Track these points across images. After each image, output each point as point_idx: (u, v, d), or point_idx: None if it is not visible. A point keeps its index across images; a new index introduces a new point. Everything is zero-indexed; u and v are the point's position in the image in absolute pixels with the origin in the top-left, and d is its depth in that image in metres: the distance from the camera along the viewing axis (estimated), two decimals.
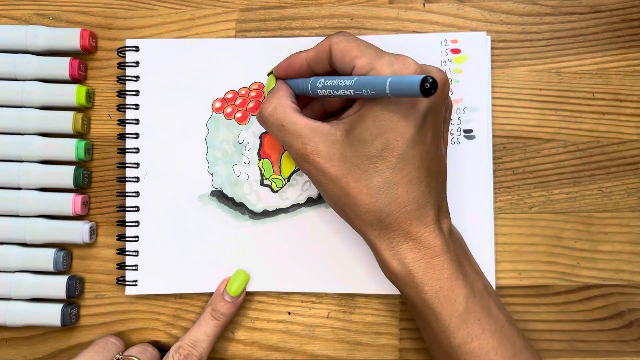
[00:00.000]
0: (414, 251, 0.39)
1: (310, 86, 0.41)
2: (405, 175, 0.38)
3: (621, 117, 0.48)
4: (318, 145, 0.39)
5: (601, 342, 0.47)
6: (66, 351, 0.48)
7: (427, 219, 0.39)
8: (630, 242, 0.47)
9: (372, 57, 0.38)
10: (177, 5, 0.49)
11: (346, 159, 0.38)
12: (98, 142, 0.48)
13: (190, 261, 0.47)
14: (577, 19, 0.48)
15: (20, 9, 0.49)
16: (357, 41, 0.39)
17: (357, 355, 0.48)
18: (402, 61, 0.37)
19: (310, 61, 0.42)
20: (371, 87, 0.36)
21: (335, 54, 0.40)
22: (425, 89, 0.33)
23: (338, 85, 0.38)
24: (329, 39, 0.40)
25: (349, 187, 0.39)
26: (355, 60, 0.38)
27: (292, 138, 0.40)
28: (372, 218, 0.39)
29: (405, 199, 0.38)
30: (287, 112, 0.40)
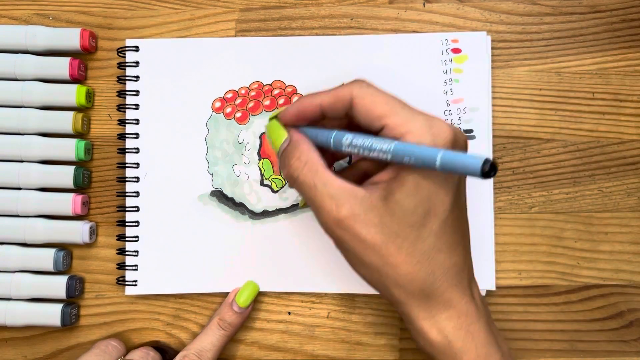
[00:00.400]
0: (453, 319, 0.37)
1: (334, 142, 0.38)
2: (446, 241, 0.36)
3: (621, 117, 0.48)
4: (355, 209, 0.36)
5: (601, 342, 0.47)
6: (66, 351, 0.48)
7: (464, 284, 0.37)
8: (630, 242, 0.48)
9: (405, 116, 0.35)
10: (177, 5, 0.49)
11: (385, 226, 0.36)
12: (98, 142, 0.48)
13: (190, 261, 0.47)
14: (577, 19, 0.48)
15: (20, 9, 0.49)
16: (384, 95, 0.37)
17: (357, 355, 0.48)
18: (438, 125, 0.35)
19: (325, 108, 0.38)
20: (416, 159, 0.34)
21: (358, 108, 0.37)
22: (485, 172, 0.31)
23: (372, 148, 0.35)
24: (350, 88, 0.37)
25: (390, 256, 0.36)
26: (386, 119, 0.36)
27: (325, 199, 0.36)
28: (415, 287, 0.36)
29: (447, 265, 0.36)
30: (319, 171, 0.37)
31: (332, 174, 0.37)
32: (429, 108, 0.46)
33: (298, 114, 0.39)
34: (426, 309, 0.37)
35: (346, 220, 0.36)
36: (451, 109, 0.47)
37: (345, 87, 0.38)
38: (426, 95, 0.47)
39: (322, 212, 0.37)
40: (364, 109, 0.36)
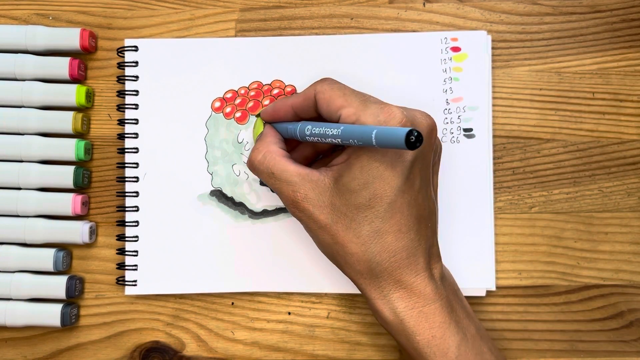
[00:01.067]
0: (405, 300, 0.38)
1: (299, 132, 0.41)
2: (394, 224, 0.38)
3: (621, 117, 0.48)
4: (308, 193, 0.39)
5: (601, 342, 0.47)
6: (66, 351, 0.48)
7: (418, 266, 0.39)
8: (630, 242, 0.47)
9: (357, 107, 0.38)
10: (177, 5, 0.49)
11: (335, 207, 0.38)
12: (98, 142, 0.48)
13: (190, 261, 0.47)
14: (577, 19, 0.48)
15: (20, 9, 0.49)
16: (342, 89, 0.40)
17: (357, 355, 0.47)
18: (388, 112, 0.37)
19: (296, 108, 0.42)
20: (358, 137, 0.36)
21: (320, 103, 0.40)
22: (410, 142, 0.33)
23: (325, 134, 0.38)
24: (314, 87, 0.41)
25: (339, 236, 0.39)
26: (341, 110, 0.38)
27: (282, 185, 0.40)
28: (363, 267, 0.39)
29: (394, 248, 0.38)
30: (277, 160, 0.40)
31: (290, 162, 0.40)
32: (428, 107, 0.47)
33: (273, 114, 0.44)
34: (377, 289, 0.39)
35: (301, 203, 0.39)
36: (450, 107, 0.47)
37: (311, 86, 0.41)
38: (426, 94, 0.47)
39: (282, 196, 0.40)
40: (324, 102, 0.40)
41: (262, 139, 0.43)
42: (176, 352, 0.47)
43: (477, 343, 0.39)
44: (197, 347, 0.47)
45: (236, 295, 0.48)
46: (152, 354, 0.47)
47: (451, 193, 0.47)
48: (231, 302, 0.48)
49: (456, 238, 0.47)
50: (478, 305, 0.47)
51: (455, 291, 0.41)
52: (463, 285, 0.46)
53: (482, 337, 0.40)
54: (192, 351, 0.47)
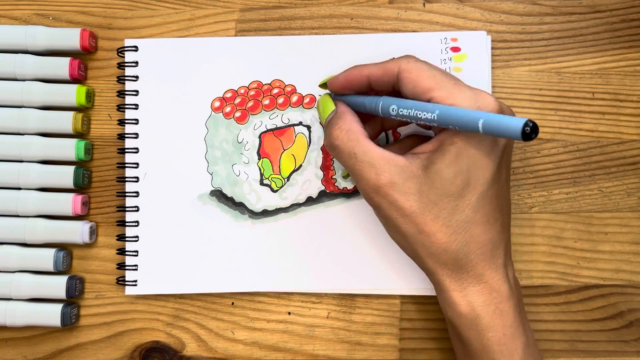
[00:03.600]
0: (485, 294, 0.37)
1: (382, 109, 0.39)
2: (484, 214, 0.37)
3: (621, 117, 0.48)
4: (394, 177, 0.37)
5: (601, 342, 0.47)
6: (66, 351, 0.48)
7: (499, 261, 0.38)
8: (630, 242, 0.47)
9: (451, 91, 0.36)
10: (177, 5, 0.49)
11: (423, 195, 0.37)
12: (98, 142, 0.48)
13: (190, 261, 0.47)
14: (577, 19, 0.48)
15: (20, 9, 0.49)
16: (430, 69, 0.38)
17: (357, 355, 0.47)
18: (483, 98, 0.36)
19: (372, 80, 0.40)
20: (460, 124, 0.34)
21: (405, 82, 0.38)
22: (526, 133, 0.31)
23: (418, 117, 0.36)
24: (398, 62, 0.38)
25: (425, 224, 0.37)
26: (432, 92, 0.37)
27: (364, 167, 0.38)
28: (448, 258, 0.37)
29: (483, 240, 0.37)
30: (360, 140, 0.38)
31: (374, 144, 0.38)
32: None
33: (346, 83, 0.41)
34: (458, 280, 0.38)
35: (385, 188, 0.37)
36: None
37: (394, 61, 0.39)
38: None
39: (361, 180, 0.38)
40: (411, 82, 0.37)
41: (341, 116, 0.40)
42: (176, 352, 0.48)
43: (536, 349, 0.39)
44: (197, 347, 0.48)
45: (236, 295, 0.48)
46: (152, 354, 0.48)
47: None
48: (231, 302, 0.48)
49: None
50: None
51: (521, 295, 0.40)
52: None
53: (535, 345, 0.40)
54: (192, 351, 0.48)
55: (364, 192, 0.39)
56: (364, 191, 0.39)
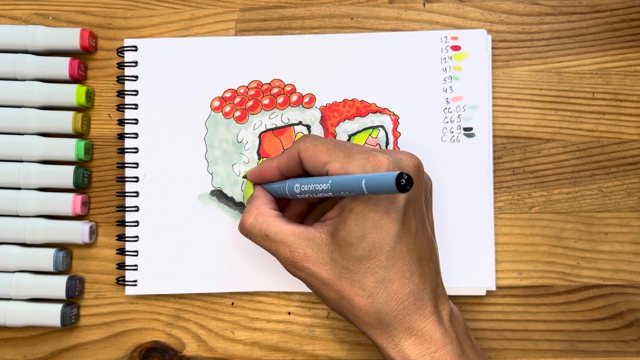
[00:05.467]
0: (417, 347, 0.37)
1: (288, 191, 0.41)
2: (397, 271, 0.37)
3: (621, 117, 0.48)
4: (306, 251, 0.38)
5: (601, 342, 0.47)
6: (66, 351, 0.48)
7: (426, 310, 0.38)
8: (630, 242, 0.47)
9: (343, 159, 0.37)
10: (177, 5, 0.49)
11: (335, 262, 0.38)
12: (98, 142, 0.48)
13: (190, 261, 0.47)
14: (577, 19, 0.48)
15: (20, 9, 0.49)
16: (324, 144, 0.39)
17: (357, 355, 0.47)
18: (373, 160, 0.36)
19: (281, 168, 0.42)
20: (349, 189, 0.35)
21: (305, 160, 0.39)
22: (401, 185, 0.32)
23: (315, 190, 0.38)
24: (297, 145, 0.40)
25: (344, 290, 0.38)
26: (327, 165, 0.38)
27: (278, 246, 0.39)
28: (372, 319, 0.38)
29: (401, 295, 0.37)
30: (269, 221, 0.40)
31: (283, 221, 0.40)
32: (428, 106, 0.47)
33: (260, 175, 0.43)
34: (389, 337, 0.38)
35: (300, 262, 0.38)
36: (451, 106, 0.47)
37: (292, 145, 0.41)
38: (426, 93, 0.47)
39: (279, 258, 0.39)
40: (309, 160, 0.39)
41: (252, 201, 0.42)
42: (176, 352, 0.47)
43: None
44: (197, 347, 0.47)
45: (236, 295, 0.48)
46: (152, 354, 0.48)
47: (451, 193, 0.47)
48: (231, 302, 0.48)
49: (456, 238, 0.47)
50: (478, 305, 0.47)
51: (464, 330, 0.40)
52: (463, 285, 0.46)
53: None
54: (192, 351, 0.47)
55: (285, 268, 0.40)
56: (285, 267, 0.40)
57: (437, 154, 0.47)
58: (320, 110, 0.47)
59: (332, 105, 0.47)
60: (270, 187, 0.43)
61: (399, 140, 0.47)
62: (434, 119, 0.47)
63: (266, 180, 0.43)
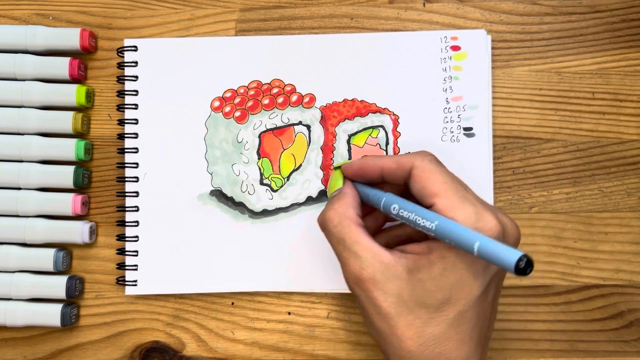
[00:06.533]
0: None
1: (383, 207, 0.39)
2: (459, 332, 0.36)
3: (621, 117, 0.48)
4: (376, 274, 0.36)
5: (601, 342, 0.47)
6: (66, 351, 0.48)
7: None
8: (630, 242, 0.47)
9: (454, 202, 0.36)
10: (177, 5, 0.49)
11: (402, 299, 0.36)
12: (98, 142, 0.48)
13: (190, 261, 0.47)
14: (577, 19, 0.48)
15: (20, 9, 0.49)
16: (442, 173, 0.37)
17: (357, 355, 0.47)
18: (485, 219, 0.35)
19: (386, 172, 0.39)
20: (455, 241, 0.34)
21: (416, 180, 0.37)
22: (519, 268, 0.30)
23: (416, 223, 0.36)
24: (412, 158, 0.38)
25: (398, 329, 0.36)
26: (436, 198, 0.36)
27: (349, 257, 0.37)
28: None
29: (453, 356, 0.36)
30: (352, 227, 0.38)
31: (364, 234, 0.38)
32: (428, 106, 0.47)
33: (359, 171, 0.41)
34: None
35: (366, 283, 0.36)
36: (450, 106, 0.47)
37: (408, 156, 0.39)
38: (426, 93, 0.47)
39: (346, 268, 0.38)
40: (420, 182, 0.37)
41: (341, 198, 0.40)
42: (176, 352, 0.48)
43: None
44: (197, 347, 0.47)
45: (236, 295, 0.48)
46: (152, 354, 0.48)
47: None
48: (231, 302, 0.48)
49: None
50: None
51: None
52: None
53: None
54: (192, 351, 0.47)
55: (346, 280, 0.38)
56: (347, 279, 0.38)
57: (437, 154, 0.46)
58: (320, 110, 0.47)
59: (332, 105, 0.47)
60: (363, 190, 0.41)
61: (399, 140, 0.47)
62: (433, 119, 0.47)
63: (363, 178, 0.41)
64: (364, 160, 0.41)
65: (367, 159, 0.41)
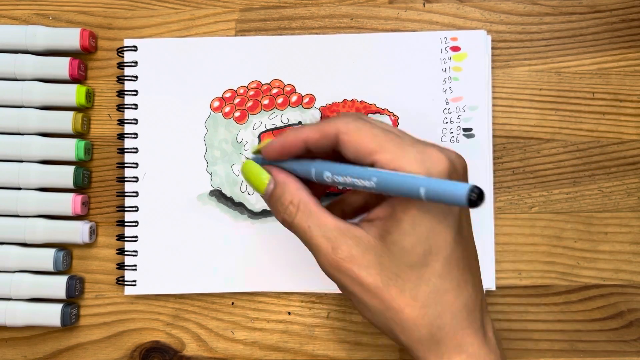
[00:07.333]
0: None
1: (315, 176, 0.36)
2: (452, 279, 0.34)
3: (621, 117, 0.48)
4: (352, 251, 0.34)
5: (601, 342, 0.47)
6: (66, 351, 0.48)
7: (476, 324, 0.35)
8: (630, 242, 0.47)
9: (395, 152, 0.33)
10: (177, 5, 0.49)
11: (384, 267, 0.34)
12: (98, 142, 0.48)
13: (190, 261, 0.47)
14: (577, 19, 0.48)
15: (20, 9, 0.49)
16: (371, 129, 0.34)
17: (357, 355, 0.47)
18: (431, 157, 0.33)
19: (310, 144, 0.36)
20: (401, 192, 0.31)
21: (346, 145, 0.34)
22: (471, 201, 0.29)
23: (355, 184, 0.33)
24: (335, 124, 0.35)
25: (392, 300, 0.34)
26: (375, 155, 0.33)
27: (320, 241, 0.35)
28: (422, 333, 0.34)
29: (456, 307, 0.34)
30: (312, 211, 0.35)
31: (327, 213, 0.35)
32: (427, 107, 0.47)
33: (282, 149, 0.37)
34: (437, 355, 0.34)
35: (344, 263, 0.34)
36: (450, 107, 0.47)
37: (331, 123, 0.35)
38: (425, 94, 0.47)
39: (319, 255, 0.35)
40: (351, 146, 0.34)
41: (285, 188, 0.36)
42: (176, 352, 0.48)
43: None
44: (197, 347, 0.48)
45: (236, 295, 0.48)
46: (152, 354, 0.48)
47: None
48: (231, 302, 0.48)
49: None
50: None
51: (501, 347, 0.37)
52: None
53: None
54: (192, 351, 0.48)
55: (323, 267, 0.35)
56: (323, 267, 0.35)
57: None
58: (320, 110, 0.47)
59: (331, 105, 0.47)
60: (288, 167, 0.38)
61: None
62: (433, 120, 0.47)
63: (289, 155, 0.37)
64: (284, 137, 0.37)
65: (287, 134, 0.37)
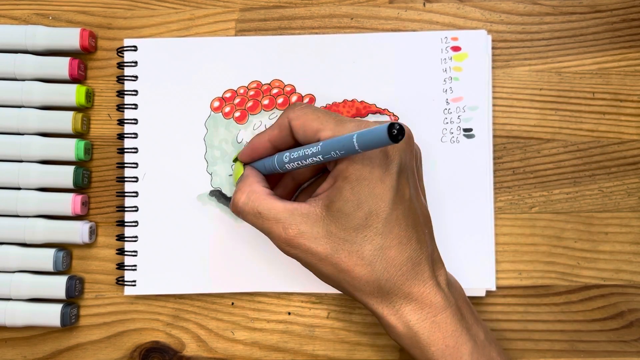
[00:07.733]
0: (417, 312, 0.38)
1: (277, 163, 0.40)
2: (394, 237, 0.37)
3: (621, 117, 0.48)
4: (300, 227, 0.38)
5: (601, 342, 0.47)
6: (66, 351, 0.48)
7: (424, 275, 0.38)
8: (631, 242, 0.47)
9: (335, 127, 0.38)
10: (177, 5, 0.49)
11: (332, 235, 0.38)
12: (98, 142, 0.48)
13: (190, 261, 0.47)
14: (577, 18, 0.48)
15: (20, 8, 0.49)
16: (315, 112, 0.39)
17: (357, 355, 0.47)
18: (366, 124, 0.37)
19: (273, 141, 0.42)
20: (339, 147, 0.35)
21: (296, 129, 0.40)
22: (393, 136, 0.32)
23: (305, 155, 0.38)
24: (287, 115, 0.40)
25: (342, 263, 0.38)
26: (319, 133, 0.38)
27: (271, 224, 0.39)
28: (372, 288, 0.38)
29: (400, 261, 0.38)
30: (262, 198, 0.40)
31: (276, 199, 0.40)
32: (428, 107, 0.47)
33: (252, 152, 0.43)
34: (389, 305, 0.38)
35: (295, 239, 0.38)
36: (450, 107, 0.47)
37: (282, 115, 0.41)
38: (426, 94, 0.47)
39: (272, 236, 0.39)
40: (300, 128, 0.39)
41: (243, 180, 0.42)
42: (176, 352, 0.48)
43: (487, 349, 0.39)
44: (197, 347, 0.48)
45: (236, 295, 0.48)
46: (152, 354, 0.48)
47: (451, 193, 0.47)
48: (231, 302, 0.48)
49: (456, 238, 0.47)
50: (478, 305, 0.47)
51: (462, 296, 0.41)
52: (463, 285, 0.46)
53: (490, 342, 0.40)
54: (192, 351, 0.48)
55: (279, 246, 0.39)
56: (279, 246, 0.39)
57: (436, 154, 0.47)
58: None
59: (332, 105, 0.47)
60: (259, 165, 0.43)
61: None
62: (433, 120, 0.47)
63: (259, 157, 0.43)
64: (252, 141, 0.43)
65: (254, 138, 0.43)
